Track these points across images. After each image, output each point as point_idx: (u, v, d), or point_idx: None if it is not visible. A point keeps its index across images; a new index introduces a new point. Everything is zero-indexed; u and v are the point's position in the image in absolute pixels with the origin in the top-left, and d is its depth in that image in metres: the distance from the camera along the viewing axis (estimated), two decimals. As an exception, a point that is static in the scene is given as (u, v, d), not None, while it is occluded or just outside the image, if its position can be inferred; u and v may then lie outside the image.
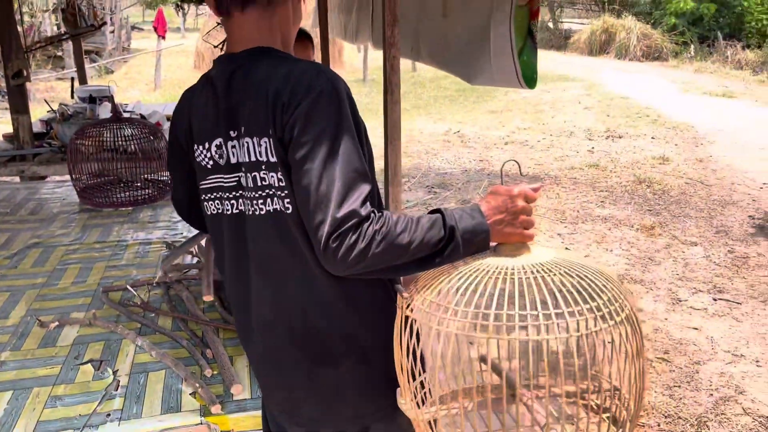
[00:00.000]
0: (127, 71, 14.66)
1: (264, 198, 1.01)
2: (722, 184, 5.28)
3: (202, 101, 1.07)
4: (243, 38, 1.05)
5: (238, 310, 1.15)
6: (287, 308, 1.06)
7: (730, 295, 3.33)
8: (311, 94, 0.94)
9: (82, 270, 2.27)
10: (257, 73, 1.01)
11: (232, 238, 1.09)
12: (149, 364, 1.67)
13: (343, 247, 0.90)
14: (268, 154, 0.98)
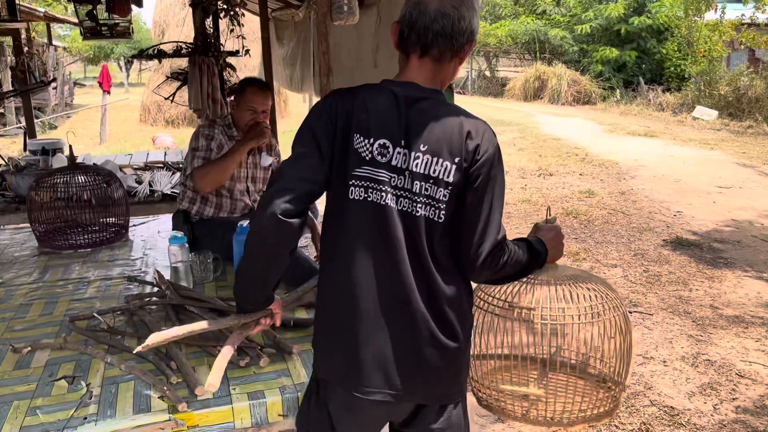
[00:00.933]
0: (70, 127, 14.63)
1: (423, 204, 1.35)
2: (641, 214, 5.77)
3: (381, 105, 1.35)
4: (421, 76, 1.38)
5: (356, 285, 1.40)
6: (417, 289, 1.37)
7: (643, 308, 3.71)
8: (493, 146, 1.37)
9: (47, 304, 2.43)
10: (447, 109, 1.36)
11: (368, 220, 1.37)
12: (119, 377, 1.86)
13: (497, 259, 1.37)
14: (444, 175, 1.33)
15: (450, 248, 1.38)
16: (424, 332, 1.38)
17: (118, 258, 2.98)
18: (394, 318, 1.38)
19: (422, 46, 1.35)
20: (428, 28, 1.34)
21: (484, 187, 1.33)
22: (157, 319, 2.25)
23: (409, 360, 1.39)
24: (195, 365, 1.93)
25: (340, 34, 3.55)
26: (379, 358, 1.39)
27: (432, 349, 1.38)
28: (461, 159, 1.31)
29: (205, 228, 2.84)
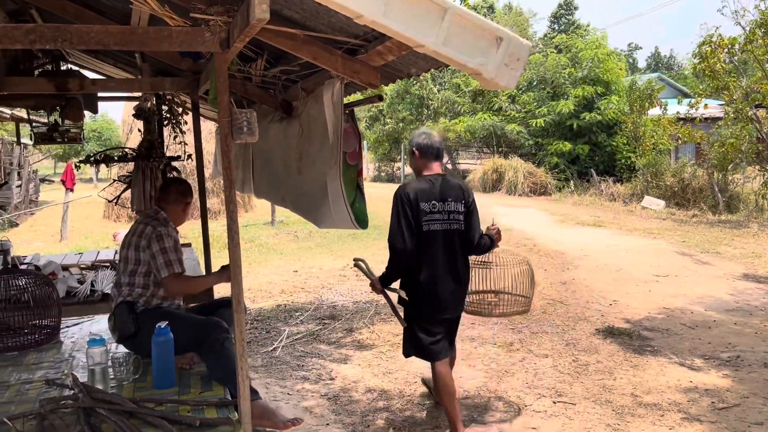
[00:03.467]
0: (33, 224, 14.63)
1: (455, 222, 3.29)
2: (578, 303, 5.98)
3: (427, 188, 3.28)
4: (438, 169, 3.39)
5: (438, 280, 3.30)
6: (459, 273, 3.37)
7: (567, 397, 3.82)
8: (472, 193, 3.48)
9: None
10: (451, 182, 3.37)
11: (435, 238, 3.25)
12: (16, 482, 1.91)
13: (480, 245, 3.43)
14: (460, 208, 3.31)
15: (463, 242, 3.33)
16: (459, 282, 3.36)
17: (44, 360, 3.03)
18: (450, 279, 3.31)
19: (435, 156, 3.40)
20: (437, 148, 3.41)
21: (473, 212, 3.38)
22: (67, 423, 2.30)
23: (456, 296, 3.38)
24: (95, 468, 1.98)
25: (270, 143, 3.81)
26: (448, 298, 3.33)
27: (460, 288, 3.38)
28: (464, 201, 3.34)
29: (150, 317, 2.92)
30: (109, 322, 3.09)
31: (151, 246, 3.00)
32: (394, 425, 3.53)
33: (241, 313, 2.25)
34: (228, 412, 2.39)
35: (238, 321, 2.24)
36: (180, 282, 3.01)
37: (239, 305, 2.25)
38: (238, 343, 2.26)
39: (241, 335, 2.26)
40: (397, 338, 5.00)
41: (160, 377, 2.64)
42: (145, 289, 3.03)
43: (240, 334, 2.25)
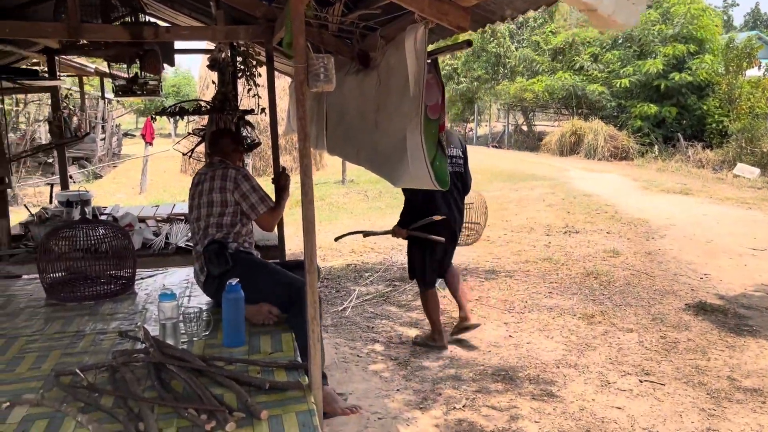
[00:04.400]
0: (115, 176, 15.18)
1: (457, 165, 4.09)
2: (665, 275, 5.59)
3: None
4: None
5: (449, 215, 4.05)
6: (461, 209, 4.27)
7: (655, 377, 3.55)
8: (465, 143, 4.47)
9: (38, 358, 2.48)
10: (452, 133, 4.71)
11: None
12: (86, 440, 1.87)
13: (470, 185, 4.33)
14: (459, 154, 4.17)
15: (462, 183, 4.11)
16: (462, 216, 4.20)
17: (119, 311, 3.03)
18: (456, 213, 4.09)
19: None
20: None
21: (467, 160, 4.16)
22: (138, 377, 2.26)
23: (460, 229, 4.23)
24: (163, 428, 1.92)
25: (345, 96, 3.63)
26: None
27: (462, 221, 4.24)
28: (462, 149, 4.11)
29: (243, 261, 2.94)
30: (197, 262, 3.05)
31: (240, 186, 3.01)
32: (467, 395, 3.38)
33: (314, 273, 2.12)
34: (298, 376, 2.29)
35: (310, 282, 2.11)
36: (274, 215, 3.10)
37: (312, 265, 2.11)
38: (309, 306, 2.13)
39: (313, 297, 2.13)
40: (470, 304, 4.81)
41: (230, 335, 2.57)
42: (232, 227, 3.01)
43: (312, 296, 2.12)
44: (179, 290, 3.34)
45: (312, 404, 2.07)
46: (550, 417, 3.13)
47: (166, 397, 2.08)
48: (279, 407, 2.04)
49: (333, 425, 2.96)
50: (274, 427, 1.92)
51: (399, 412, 3.19)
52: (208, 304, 3.09)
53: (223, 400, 2.09)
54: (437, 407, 3.25)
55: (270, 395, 2.13)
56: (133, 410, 2.02)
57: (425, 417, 3.15)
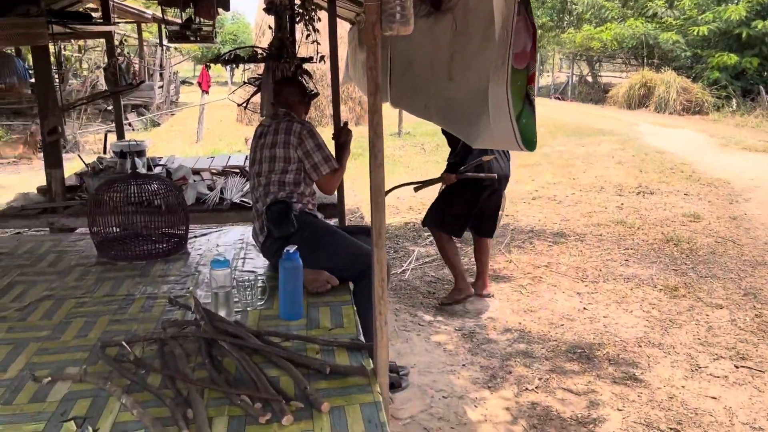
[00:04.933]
0: (173, 124, 15.22)
1: None
2: (755, 244, 5.11)
3: None
4: None
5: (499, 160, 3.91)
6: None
7: (753, 362, 3.19)
8: None
9: (86, 324, 2.32)
10: None
11: None
12: (130, 424, 1.69)
13: None
14: None
15: None
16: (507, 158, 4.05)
17: (170, 274, 2.86)
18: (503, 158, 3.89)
19: None
20: None
21: None
22: (188, 352, 2.07)
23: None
24: (214, 415, 1.72)
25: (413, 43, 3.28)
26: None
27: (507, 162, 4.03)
28: None
29: (308, 224, 2.72)
30: (257, 221, 2.84)
31: (305, 143, 2.78)
32: (540, 375, 3.10)
33: (383, 248, 1.85)
34: (362, 358, 2.05)
35: (378, 257, 1.84)
36: (336, 177, 2.88)
37: (380, 238, 1.83)
38: (376, 284, 1.87)
39: (381, 274, 1.86)
40: (538, 270, 4.50)
41: (287, 307, 2.35)
42: (296, 186, 2.78)
43: (380, 273, 1.86)
44: (233, 251, 3.15)
45: (378, 394, 1.83)
46: (634, 405, 2.83)
47: (218, 380, 1.88)
48: (341, 396, 1.81)
49: (395, 403, 2.75)
50: (335, 421, 1.69)
51: (465, 391, 2.95)
52: (264, 267, 2.89)
53: (279, 385, 1.87)
54: (507, 387, 2.99)
55: (330, 381, 1.90)
56: (181, 393, 1.83)
57: (494, 398, 2.90)
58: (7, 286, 2.70)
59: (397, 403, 2.76)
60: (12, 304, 2.51)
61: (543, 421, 2.71)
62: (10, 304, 2.52)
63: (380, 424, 1.67)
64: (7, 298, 2.57)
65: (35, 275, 2.84)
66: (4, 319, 2.37)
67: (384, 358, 1.90)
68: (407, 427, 2.64)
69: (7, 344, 2.17)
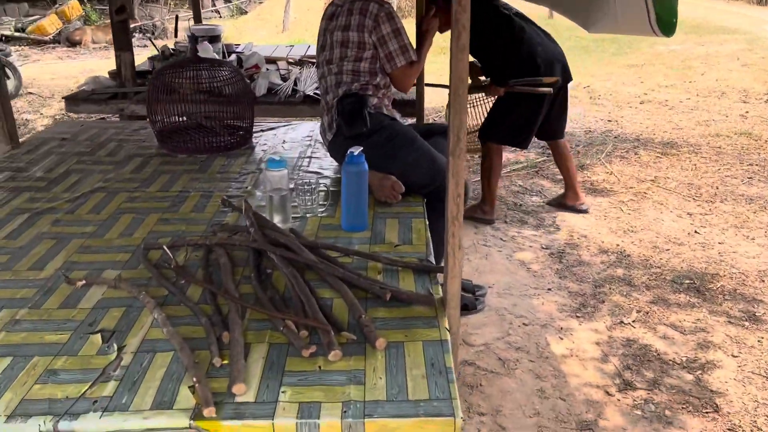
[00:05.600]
0: (260, 12, 14.86)
1: None
2: None
3: None
4: None
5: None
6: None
7: None
8: None
9: (133, 221, 2.14)
10: None
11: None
12: (159, 343, 1.48)
13: None
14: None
15: None
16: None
17: (230, 170, 2.62)
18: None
19: None
20: None
21: None
22: (235, 262, 1.84)
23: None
24: (252, 341, 1.48)
25: None
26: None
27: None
28: None
29: (382, 125, 2.37)
30: (326, 115, 2.50)
31: (380, 27, 2.36)
32: (638, 306, 2.72)
33: (460, 158, 1.47)
34: (430, 284, 1.74)
35: (454, 169, 1.48)
36: (413, 72, 2.46)
37: (458, 145, 1.46)
38: (451, 200, 1.52)
39: (457, 189, 1.50)
40: (643, 185, 3.98)
41: (349, 216, 2.05)
42: (371, 77, 2.42)
43: (455, 188, 1.50)
44: (300, 149, 2.87)
45: (446, 331, 1.53)
46: (753, 352, 2.41)
47: (262, 299, 1.63)
48: (401, 330, 1.53)
49: (468, 327, 2.47)
50: (391, 361, 1.42)
51: (549, 319, 2.62)
52: (331, 169, 2.59)
53: (332, 310, 1.61)
54: (599, 318, 2.64)
55: (391, 309, 1.61)
56: (220, 311, 1.60)
57: (583, 330, 2.56)
58: (62, 174, 2.56)
59: (471, 327, 2.48)
60: (64, 195, 2.36)
61: (640, 361, 2.36)
62: (62, 194, 2.37)
63: (445, 370, 1.38)
64: (61, 188, 2.42)
65: (93, 164, 2.68)
66: (53, 211, 2.22)
67: (455, 288, 1.58)
68: (480, 355, 2.37)
69: (51, 239, 2.01)
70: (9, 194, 2.36)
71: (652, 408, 2.11)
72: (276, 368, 1.39)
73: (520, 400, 2.15)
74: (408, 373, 1.37)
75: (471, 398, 2.13)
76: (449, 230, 1.54)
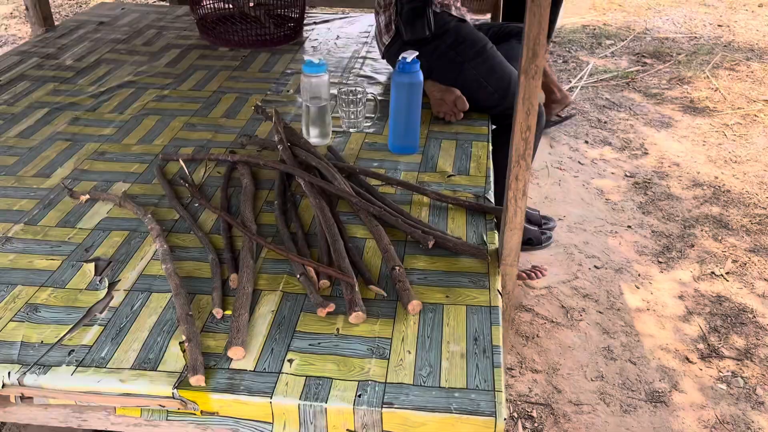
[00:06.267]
0: None
1: None
2: None
3: None
4: None
5: None
6: None
7: None
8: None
9: (157, 125, 1.90)
10: None
11: None
12: (157, 280, 1.27)
13: None
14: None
15: None
16: None
17: (274, 69, 2.32)
18: None
19: None
20: None
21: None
22: (259, 184, 1.59)
23: None
24: (263, 287, 1.25)
25: None
26: None
27: None
28: None
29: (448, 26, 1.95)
30: (382, 13, 2.10)
31: None
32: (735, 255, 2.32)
33: (535, 77, 1.11)
34: (485, 230, 1.44)
35: (526, 91, 1.12)
36: None
37: (534, 60, 1.09)
38: (517, 133, 1.18)
39: (527, 121, 1.16)
40: (754, 106, 3.43)
41: (398, 135, 1.74)
42: None
43: (524, 118, 1.15)
44: (354, 46, 2.51)
45: (497, 296, 1.24)
46: None
47: (283, 234, 1.38)
48: (442, 288, 1.25)
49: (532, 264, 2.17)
50: (425, 330, 1.16)
51: (626, 263, 2.27)
52: (386, 74, 2.25)
53: (362, 256, 1.34)
54: (685, 266, 2.27)
55: (433, 260, 1.33)
56: (232, 246, 1.36)
57: (664, 279, 2.21)
58: (92, 65, 2.32)
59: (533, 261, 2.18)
60: (89, 88, 2.13)
61: (730, 324, 2.01)
62: (87, 87, 2.14)
63: (491, 349, 1.11)
64: (87, 80, 2.20)
65: (126, 53, 2.43)
66: (74, 107, 2.01)
67: (514, 242, 1.28)
68: (540, 300, 2.08)
69: (65, 140, 1.81)
70: (33, 84, 2.16)
71: (741, 383, 1.79)
72: (285, 327, 1.15)
73: (582, 358, 1.87)
74: (444, 348, 1.11)
75: (525, 351, 1.87)
76: (512, 171, 1.21)
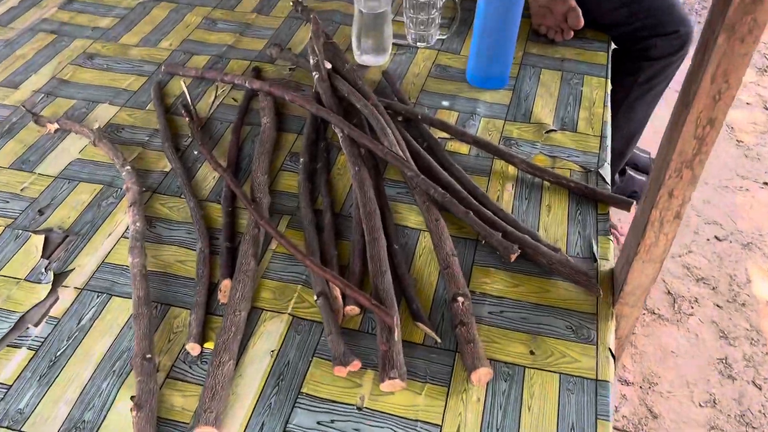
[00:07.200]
0: None
1: None
2: None
3: None
4: None
5: None
6: None
7: None
8: None
9: (168, 18, 1.46)
10: None
11: None
12: (122, 276, 0.90)
13: None
14: None
15: None
16: None
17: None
18: None
19: None
20: None
21: None
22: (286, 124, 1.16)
23: None
24: (266, 304, 0.86)
25: None
26: None
27: None
28: None
29: None
30: None
31: None
32: None
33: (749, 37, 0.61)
34: (594, 232, 0.98)
35: (725, 53, 0.63)
36: None
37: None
38: (689, 125, 0.69)
39: (719, 89, 0.67)
40: None
41: (480, 61, 1.24)
42: None
43: (714, 90, 0.66)
44: None
45: (607, 364, 0.82)
46: None
47: (305, 218, 0.97)
48: (524, 336, 0.84)
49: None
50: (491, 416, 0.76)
51: (758, 236, 1.75)
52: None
53: (409, 269, 0.92)
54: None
55: (516, 278, 0.90)
56: (232, 233, 0.96)
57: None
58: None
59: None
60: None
61: None
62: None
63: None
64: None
65: None
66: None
67: (645, 278, 0.83)
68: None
69: (49, 32, 1.40)
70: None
71: None
72: (288, 383, 0.78)
73: (690, 371, 1.44)
74: (520, 451, 0.72)
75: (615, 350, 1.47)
76: (665, 183, 0.73)
